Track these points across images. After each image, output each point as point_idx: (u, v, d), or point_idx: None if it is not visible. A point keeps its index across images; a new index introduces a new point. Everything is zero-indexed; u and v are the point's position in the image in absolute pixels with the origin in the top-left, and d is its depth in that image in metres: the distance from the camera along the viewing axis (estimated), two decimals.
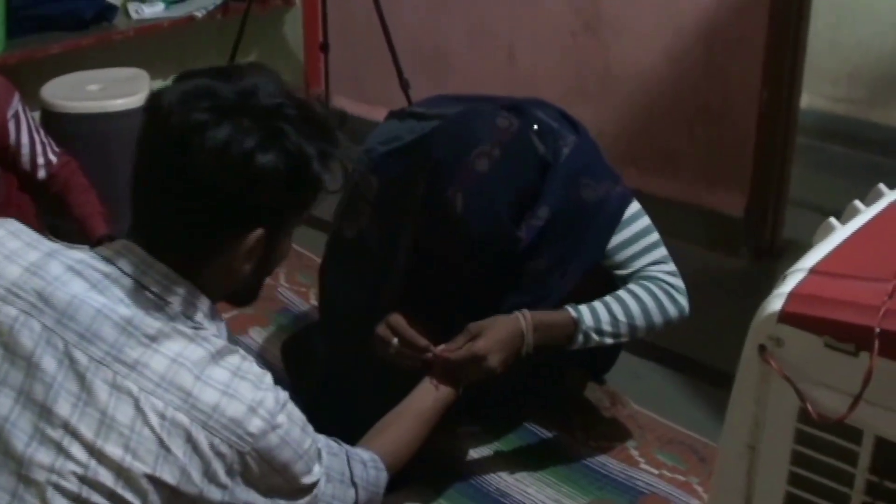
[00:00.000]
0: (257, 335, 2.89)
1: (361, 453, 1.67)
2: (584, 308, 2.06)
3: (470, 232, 1.99)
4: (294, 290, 3.16)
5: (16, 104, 2.56)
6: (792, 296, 1.17)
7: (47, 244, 1.38)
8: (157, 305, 1.33)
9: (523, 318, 2.02)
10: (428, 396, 1.94)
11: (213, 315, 1.40)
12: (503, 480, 2.31)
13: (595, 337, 2.06)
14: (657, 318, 2.10)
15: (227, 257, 1.37)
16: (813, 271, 1.21)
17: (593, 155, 2.21)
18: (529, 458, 2.39)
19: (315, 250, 3.26)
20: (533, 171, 2.06)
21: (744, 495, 1.25)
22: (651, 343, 2.71)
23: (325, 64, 3.92)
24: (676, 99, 3.28)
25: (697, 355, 2.68)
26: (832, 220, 1.33)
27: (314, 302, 3.03)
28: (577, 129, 2.21)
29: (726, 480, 1.27)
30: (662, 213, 2.21)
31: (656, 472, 2.32)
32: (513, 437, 2.47)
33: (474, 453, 2.40)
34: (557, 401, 2.53)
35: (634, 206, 2.17)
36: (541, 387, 2.48)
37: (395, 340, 2.03)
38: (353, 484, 1.58)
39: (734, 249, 3.21)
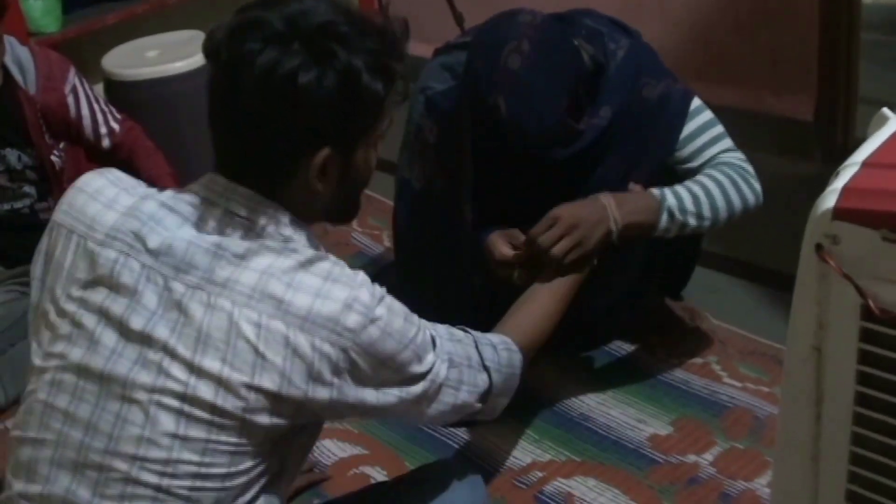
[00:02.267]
0: None
1: (491, 337, 1.66)
2: (664, 189, 2.03)
3: (522, 131, 1.97)
4: (367, 233, 3.18)
5: (72, 78, 2.60)
6: (845, 191, 1.13)
7: (142, 189, 1.43)
8: (244, 226, 1.36)
9: (603, 196, 1.98)
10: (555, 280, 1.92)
11: (301, 230, 1.41)
12: (586, 404, 2.32)
13: (679, 217, 2.01)
14: (736, 201, 2.06)
15: (301, 177, 1.38)
16: (866, 164, 1.17)
17: (650, 55, 2.19)
18: (611, 380, 2.39)
19: (384, 192, 3.27)
20: (572, 58, 2.03)
21: (813, 398, 1.22)
22: (726, 255, 2.70)
23: (379, 4, 3.91)
24: (735, 4, 3.20)
25: (774, 264, 2.65)
26: (885, 110, 1.29)
27: (387, 244, 3.06)
28: (629, 32, 2.18)
29: (795, 385, 1.24)
30: (731, 123, 2.17)
31: (740, 385, 2.31)
32: (594, 360, 2.47)
33: (556, 380, 2.40)
34: (637, 321, 2.52)
35: (697, 101, 2.15)
36: (620, 308, 2.47)
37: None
38: (485, 368, 1.58)
39: (807, 154, 3.15)
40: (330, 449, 2.24)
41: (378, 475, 2.16)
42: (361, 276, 1.37)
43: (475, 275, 2.18)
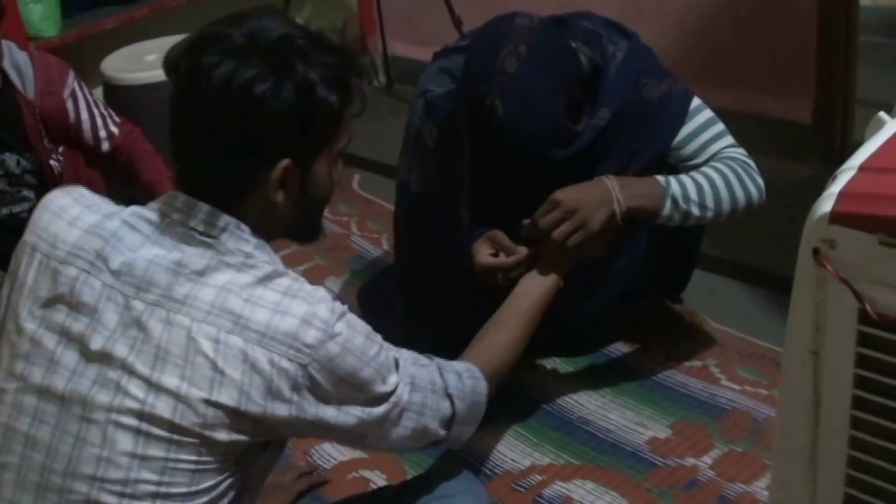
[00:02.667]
0: (333, 285, 2.92)
1: (456, 365, 1.64)
2: (669, 176, 2.04)
3: (518, 133, 1.97)
4: (366, 237, 3.19)
5: (71, 82, 2.60)
6: (842, 195, 1.13)
7: (106, 207, 1.43)
8: (204, 244, 1.36)
9: (607, 178, 1.98)
10: (525, 296, 1.91)
11: (263, 246, 1.41)
12: (584, 407, 2.32)
13: (682, 205, 2.01)
14: (740, 194, 2.07)
15: (260, 191, 1.38)
16: (862, 168, 1.17)
17: (649, 56, 2.19)
18: (610, 383, 2.39)
19: (384, 197, 3.28)
20: (569, 61, 2.03)
21: (811, 402, 1.23)
22: (725, 258, 2.70)
23: (378, 9, 3.91)
24: (733, 7, 3.21)
25: (773, 267, 2.65)
26: (882, 114, 1.29)
27: (386, 247, 3.06)
28: (627, 34, 2.18)
29: (793, 388, 1.24)
30: (729, 125, 2.18)
31: (738, 387, 2.31)
32: (593, 363, 2.47)
33: (555, 383, 2.41)
34: (635, 324, 2.52)
35: (697, 100, 2.16)
36: (618, 310, 2.47)
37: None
38: (448, 395, 1.57)
39: (804, 157, 3.16)
40: (329, 452, 2.24)
41: (377, 479, 2.16)
42: (321, 292, 1.37)
43: (468, 279, 2.17)
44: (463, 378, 1.61)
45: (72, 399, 1.32)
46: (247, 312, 1.30)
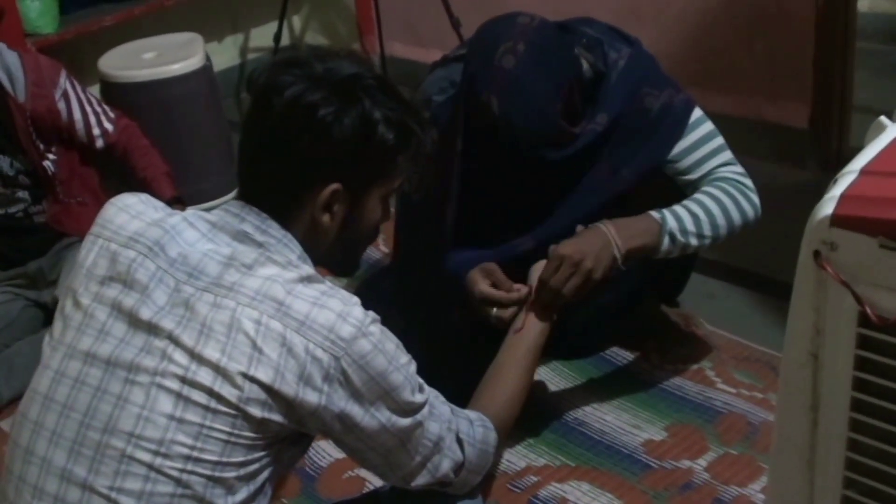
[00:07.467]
0: None
1: (468, 413, 1.69)
2: (664, 210, 2.03)
3: (513, 130, 1.97)
4: None
5: (62, 83, 2.60)
6: (843, 198, 1.14)
7: (169, 210, 1.54)
8: (255, 243, 1.45)
9: (603, 224, 1.97)
10: (521, 342, 1.93)
11: (306, 259, 1.50)
12: (580, 409, 2.32)
13: (680, 238, 2.01)
14: (736, 217, 2.07)
15: (308, 209, 1.48)
16: (864, 172, 1.17)
17: (651, 64, 2.18)
18: (606, 385, 2.39)
19: None
20: (567, 62, 2.03)
21: (809, 404, 1.23)
22: (722, 262, 2.70)
23: (376, 10, 3.91)
24: (731, 12, 3.21)
25: (769, 271, 2.66)
26: (883, 118, 1.29)
27: (384, 248, 3.05)
28: (629, 40, 2.18)
29: (791, 391, 1.25)
30: (726, 130, 2.17)
31: (734, 391, 2.32)
32: (589, 365, 2.47)
33: (552, 385, 2.41)
34: (632, 326, 2.52)
35: (698, 112, 2.15)
36: (615, 314, 2.47)
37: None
38: (459, 440, 1.61)
39: (801, 162, 3.16)
40: (325, 449, 2.24)
41: (373, 478, 2.16)
42: (356, 299, 1.43)
43: (455, 303, 2.16)
44: (474, 426, 1.66)
45: (117, 363, 1.39)
46: (288, 301, 1.38)
